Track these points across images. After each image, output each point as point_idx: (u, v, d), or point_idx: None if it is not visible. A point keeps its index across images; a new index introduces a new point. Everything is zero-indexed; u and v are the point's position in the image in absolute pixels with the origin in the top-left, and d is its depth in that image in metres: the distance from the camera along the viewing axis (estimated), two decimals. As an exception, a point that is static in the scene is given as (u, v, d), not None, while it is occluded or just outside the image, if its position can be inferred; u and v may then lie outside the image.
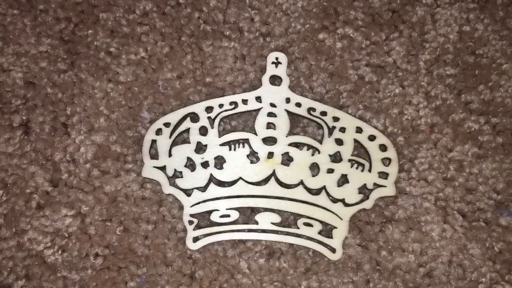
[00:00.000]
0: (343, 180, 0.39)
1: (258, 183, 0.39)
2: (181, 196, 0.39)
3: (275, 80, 0.41)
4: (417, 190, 0.40)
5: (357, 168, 0.40)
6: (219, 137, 0.40)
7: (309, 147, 0.40)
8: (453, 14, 0.42)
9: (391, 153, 0.40)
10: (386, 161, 0.40)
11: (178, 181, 0.39)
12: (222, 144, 0.40)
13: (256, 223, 0.39)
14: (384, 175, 0.40)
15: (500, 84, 0.41)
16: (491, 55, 0.42)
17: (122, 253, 0.40)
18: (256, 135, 0.40)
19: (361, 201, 0.39)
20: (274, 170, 0.39)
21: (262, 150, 0.39)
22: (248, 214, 0.40)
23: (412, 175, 0.40)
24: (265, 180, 0.39)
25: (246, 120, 0.41)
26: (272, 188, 0.39)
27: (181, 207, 0.39)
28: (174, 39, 0.42)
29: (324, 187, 0.39)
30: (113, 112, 0.41)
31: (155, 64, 0.41)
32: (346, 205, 0.39)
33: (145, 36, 0.42)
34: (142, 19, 0.42)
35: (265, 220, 0.39)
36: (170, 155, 0.39)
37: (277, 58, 0.41)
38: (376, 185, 0.39)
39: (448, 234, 0.40)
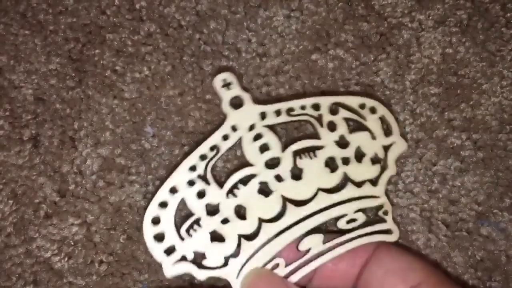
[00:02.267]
0: (360, 154, 0.37)
1: (274, 219, 0.34)
2: (218, 272, 0.35)
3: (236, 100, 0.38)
4: (404, 202, 0.42)
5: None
6: (221, 188, 0.35)
7: (310, 149, 0.36)
8: (436, 38, 0.45)
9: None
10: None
11: (206, 262, 0.34)
12: (228, 193, 0.35)
13: (307, 251, 0.34)
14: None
15: (481, 103, 0.44)
16: (472, 75, 0.44)
17: (125, 260, 0.41)
18: (253, 165, 0.36)
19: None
20: (282, 196, 0.34)
21: (268, 177, 0.35)
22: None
23: (399, 187, 0.42)
24: (281, 213, 0.34)
25: (238, 156, 0.40)
26: (290, 217, 0.34)
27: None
28: (176, 58, 0.44)
29: (344, 177, 0.36)
30: (118, 126, 0.43)
31: (158, 82, 0.43)
32: (373, 183, 0.37)
33: (148, 55, 0.44)
34: (146, 39, 0.44)
35: (312, 245, 0.34)
36: (181, 238, 0.35)
37: (224, 80, 0.37)
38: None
39: (432, 243, 0.42)
